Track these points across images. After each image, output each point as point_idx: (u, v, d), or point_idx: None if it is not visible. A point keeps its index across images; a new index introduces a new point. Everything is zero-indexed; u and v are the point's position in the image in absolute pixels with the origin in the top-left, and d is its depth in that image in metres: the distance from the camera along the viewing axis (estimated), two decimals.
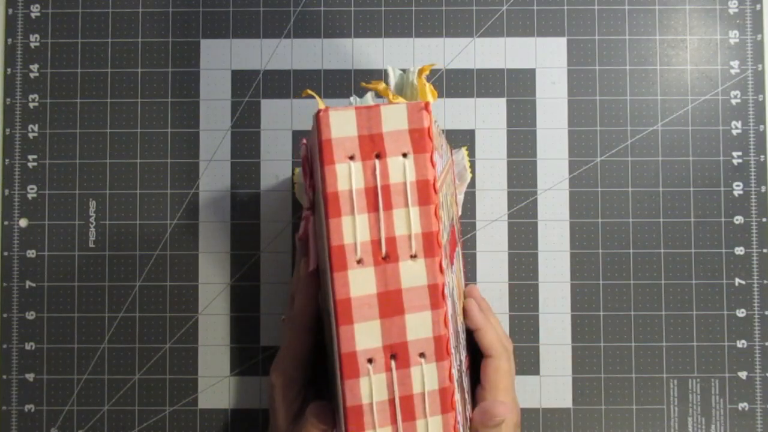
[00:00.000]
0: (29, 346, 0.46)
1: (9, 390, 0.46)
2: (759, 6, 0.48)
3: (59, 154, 0.47)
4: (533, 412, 0.46)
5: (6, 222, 0.47)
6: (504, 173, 0.47)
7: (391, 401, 0.27)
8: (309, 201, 0.33)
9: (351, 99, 0.36)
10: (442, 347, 0.27)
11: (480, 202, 0.47)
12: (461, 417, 0.31)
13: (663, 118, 0.47)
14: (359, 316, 0.26)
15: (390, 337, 0.27)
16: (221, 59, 0.48)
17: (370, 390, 0.27)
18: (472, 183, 0.47)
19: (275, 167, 0.47)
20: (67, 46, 0.48)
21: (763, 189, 0.47)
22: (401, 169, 0.27)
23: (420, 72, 0.31)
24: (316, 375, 0.37)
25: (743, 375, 0.46)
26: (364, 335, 0.27)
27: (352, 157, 0.27)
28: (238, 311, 0.47)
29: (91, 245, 0.47)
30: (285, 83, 0.47)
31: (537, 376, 0.46)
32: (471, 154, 0.47)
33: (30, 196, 0.47)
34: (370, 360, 0.27)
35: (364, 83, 0.32)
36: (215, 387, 0.46)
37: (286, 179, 0.47)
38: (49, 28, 0.48)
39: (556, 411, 0.46)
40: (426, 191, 0.27)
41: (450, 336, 0.27)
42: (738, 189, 0.47)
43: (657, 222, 0.47)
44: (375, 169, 0.27)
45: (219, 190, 0.47)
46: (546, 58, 0.48)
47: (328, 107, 0.27)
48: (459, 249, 0.42)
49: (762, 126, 0.47)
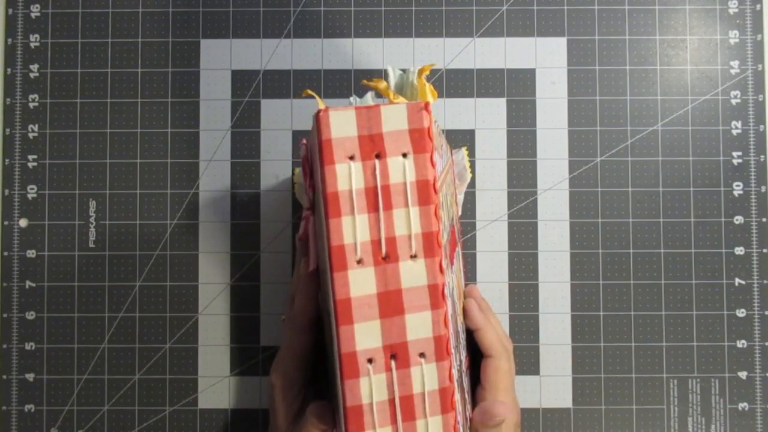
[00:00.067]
0: (29, 346, 0.46)
1: (9, 390, 0.46)
2: (759, 6, 0.48)
3: (59, 154, 0.47)
4: (533, 412, 0.46)
5: (6, 222, 0.47)
6: (504, 173, 0.47)
7: (391, 401, 0.27)
8: (309, 201, 0.33)
9: (351, 99, 0.36)
10: (442, 347, 0.27)
11: (480, 202, 0.47)
12: (461, 417, 0.31)
13: (663, 118, 0.47)
14: (359, 316, 0.26)
15: (390, 337, 0.27)
16: (221, 59, 0.48)
17: (370, 390, 0.27)
18: (472, 183, 0.47)
19: (275, 167, 0.47)
20: (67, 46, 0.48)
21: (763, 189, 0.47)
22: (401, 169, 0.27)
23: (420, 72, 0.31)
24: (316, 375, 0.37)
25: (743, 375, 0.46)
26: (364, 335, 0.27)
27: (352, 157, 0.27)
28: (238, 311, 0.47)
29: (91, 245, 0.47)
30: (285, 83, 0.47)
31: (537, 376, 0.46)
32: (471, 154, 0.47)
33: (30, 196, 0.47)
34: (370, 360, 0.27)
35: (365, 81, 0.32)
36: (215, 387, 0.46)
37: (286, 179, 0.47)
38: (49, 28, 0.48)
39: (556, 411, 0.46)
40: (426, 191, 0.27)
41: (450, 336, 0.27)
42: (738, 189, 0.47)
43: (657, 222, 0.47)
44: (375, 169, 0.27)
45: (219, 190, 0.47)
46: (546, 58, 0.48)
47: (328, 107, 0.27)
48: (459, 249, 0.42)
49: (762, 126, 0.47)
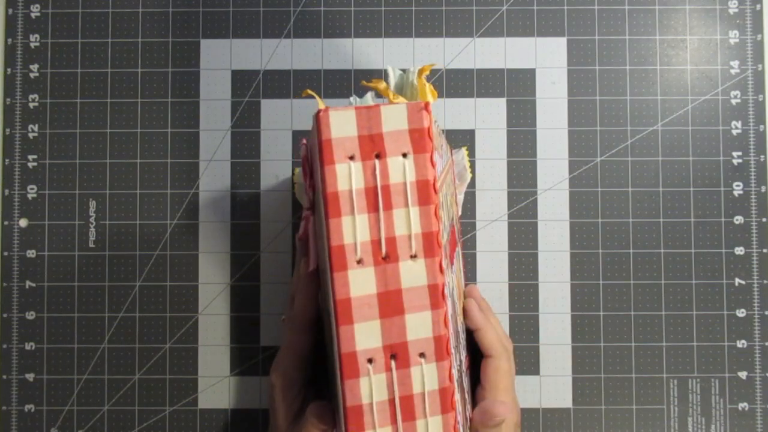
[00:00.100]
0: (29, 346, 0.46)
1: (9, 390, 0.46)
2: (759, 6, 0.48)
3: (59, 154, 0.47)
4: (533, 412, 0.46)
5: (6, 222, 0.47)
6: (504, 173, 0.47)
7: (391, 401, 0.27)
8: (309, 201, 0.33)
9: (351, 99, 0.36)
10: (442, 347, 0.27)
11: (480, 202, 0.47)
12: (461, 417, 0.31)
13: (663, 118, 0.47)
14: (359, 316, 0.26)
15: (390, 337, 0.27)
16: (221, 59, 0.48)
17: (370, 390, 0.27)
18: (472, 183, 0.47)
19: (275, 167, 0.47)
20: (67, 46, 0.48)
21: (763, 189, 0.47)
22: (401, 169, 0.27)
23: (420, 72, 0.31)
24: (316, 375, 0.37)
25: (743, 375, 0.46)
26: (364, 335, 0.27)
27: (352, 157, 0.27)
28: (238, 311, 0.47)
29: (91, 245, 0.47)
30: (285, 83, 0.47)
31: (537, 376, 0.46)
32: (471, 154, 0.47)
33: (30, 196, 0.47)
34: (370, 360, 0.27)
35: (364, 82, 0.32)
36: (215, 387, 0.46)
37: (286, 179, 0.47)
38: (49, 28, 0.48)
39: (556, 411, 0.46)
40: (426, 191, 0.27)
41: (450, 336, 0.27)
42: (738, 189, 0.47)
43: (657, 222, 0.47)
44: (375, 169, 0.27)
45: (219, 190, 0.47)
46: (546, 58, 0.48)
47: (328, 107, 0.27)
48: (459, 249, 0.42)
49: (762, 126, 0.47)
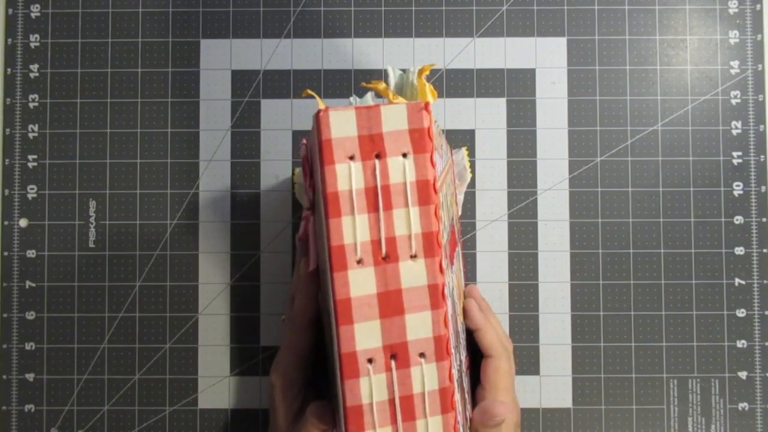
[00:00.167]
0: (29, 346, 0.46)
1: (9, 390, 0.46)
2: (759, 6, 0.48)
3: (59, 154, 0.47)
4: (533, 412, 0.46)
5: (6, 222, 0.47)
6: (504, 173, 0.47)
7: (391, 401, 0.27)
8: (309, 201, 0.33)
9: (351, 99, 0.36)
10: (442, 347, 0.27)
11: (480, 202, 0.47)
12: (461, 417, 0.31)
13: (663, 118, 0.47)
14: (359, 316, 0.26)
15: (390, 337, 0.27)
16: (221, 59, 0.48)
17: (370, 390, 0.27)
18: (472, 183, 0.47)
19: (275, 167, 0.47)
20: (67, 46, 0.48)
21: (763, 189, 0.47)
22: (401, 169, 0.27)
23: (420, 72, 0.31)
24: (316, 375, 0.37)
25: (743, 375, 0.46)
26: (364, 335, 0.27)
27: (352, 157, 0.27)
28: (238, 311, 0.47)
29: (91, 245, 0.47)
30: (285, 83, 0.47)
31: (537, 376, 0.46)
32: (471, 154, 0.47)
33: (30, 196, 0.47)
34: (370, 360, 0.27)
35: (364, 83, 0.32)
36: (215, 387, 0.46)
37: (286, 179, 0.47)
38: (49, 28, 0.48)
39: (556, 411, 0.46)
40: (426, 191, 0.27)
41: (450, 336, 0.27)
42: (738, 189, 0.47)
43: (657, 222, 0.47)
44: (375, 169, 0.27)
45: (219, 190, 0.47)
46: (546, 58, 0.48)
47: (328, 107, 0.27)
48: (459, 249, 0.42)
49: (762, 126, 0.47)
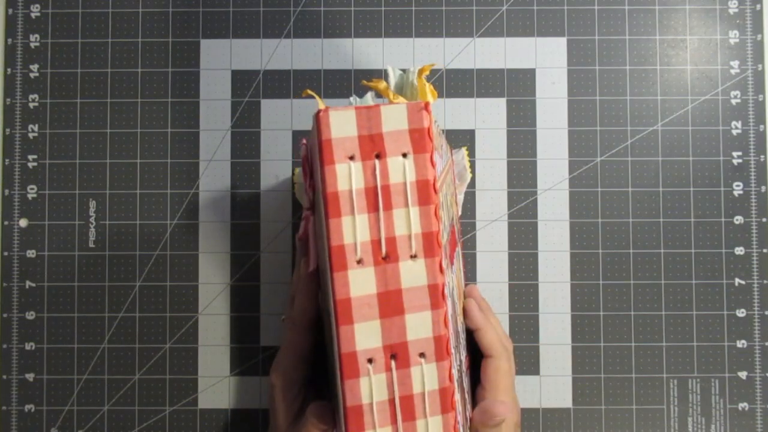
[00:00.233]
0: (29, 346, 0.46)
1: (9, 390, 0.46)
2: (759, 6, 0.48)
3: (59, 154, 0.47)
4: (533, 412, 0.46)
5: (6, 222, 0.47)
6: (504, 173, 0.47)
7: (391, 401, 0.27)
8: (309, 201, 0.33)
9: (351, 99, 0.36)
10: (442, 347, 0.27)
11: (480, 202, 0.47)
12: (461, 417, 0.31)
13: (663, 118, 0.47)
14: (359, 316, 0.26)
15: (390, 337, 0.27)
16: (221, 59, 0.48)
17: (370, 390, 0.27)
18: (472, 183, 0.47)
19: (275, 167, 0.47)
20: (67, 46, 0.48)
21: (763, 189, 0.47)
22: (401, 169, 0.27)
23: (420, 72, 0.31)
24: (316, 375, 0.37)
25: (743, 375, 0.46)
26: (364, 335, 0.27)
27: (352, 157, 0.27)
28: (238, 311, 0.47)
29: (91, 245, 0.47)
30: (285, 83, 0.47)
31: (537, 376, 0.46)
32: (471, 154, 0.47)
33: (30, 196, 0.47)
34: (370, 360, 0.27)
35: (365, 81, 0.32)
36: (215, 387, 0.46)
37: (286, 179, 0.47)
38: (49, 28, 0.48)
39: (556, 411, 0.46)
40: (426, 191, 0.27)
41: (450, 336, 0.27)
42: (738, 189, 0.47)
43: (657, 222, 0.47)
44: (375, 169, 0.27)
45: (219, 190, 0.47)
46: (546, 58, 0.48)
47: (328, 107, 0.27)
48: (459, 249, 0.42)
49: (762, 126, 0.47)
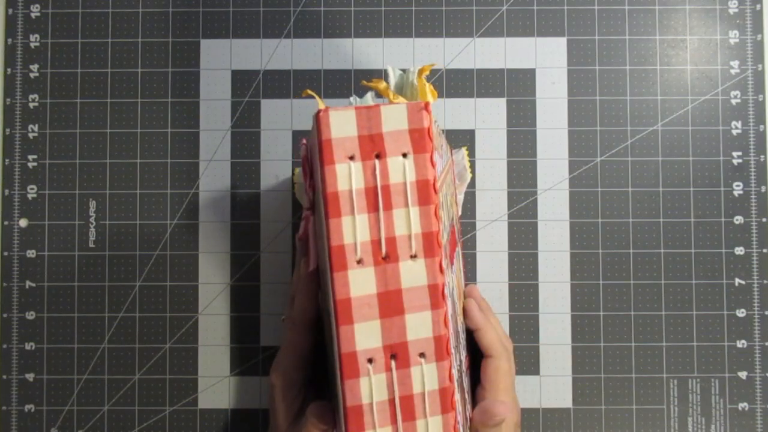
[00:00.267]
0: (29, 346, 0.46)
1: (9, 390, 0.46)
2: (759, 6, 0.48)
3: (59, 154, 0.47)
4: (533, 412, 0.46)
5: (6, 222, 0.47)
6: (504, 173, 0.47)
7: (391, 401, 0.27)
8: (309, 201, 0.33)
9: (351, 99, 0.36)
10: (442, 347, 0.27)
11: (480, 202, 0.47)
12: (461, 417, 0.31)
13: (663, 118, 0.47)
14: (359, 316, 0.26)
15: (390, 337, 0.27)
16: (221, 59, 0.48)
17: (370, 390, 0.27)
18: (472, 183, 0.47)
19: (275, 167, 0.47)
20: (67, 46, 0.48)
21: (763, 189, 0.47)
22: (401, 169, 0.27)
23: (420, 72, 0.31)
24: (316, 375, 0.37)
25: (743, 375, 0.46)
26: (364, 335, 0.27)
27: (352, 157, 0.27)
28: (238, 311, 0.47)
29: (91, 245, 0.47)
30: (285, 83, 0.47)
31: (537, 376, 0.46)
32: (471, 154, 0.47)
33: (30, 196, 0.47)
34: (370, 360, 0.27)
35: (365, 82, 0.32)
36: (215, 387, 0.46)
37: (286, 179, 0.47)
38: (49, 28, 0.48)
39: (556, 411, 0.46)
40: (426, 191, 0.27)
41: (450, 336, 0.27)
42: (738, 189, 0.47)
43: (657, 222, 0.47)
44: (375, 169, 0.27)
45: (219, 190, 0.47)
46: (546, 58, 0.48)
47: (328, 107, 0.27)
48: (459, 249, 0.42)
49: (762, 126, 0.47)
